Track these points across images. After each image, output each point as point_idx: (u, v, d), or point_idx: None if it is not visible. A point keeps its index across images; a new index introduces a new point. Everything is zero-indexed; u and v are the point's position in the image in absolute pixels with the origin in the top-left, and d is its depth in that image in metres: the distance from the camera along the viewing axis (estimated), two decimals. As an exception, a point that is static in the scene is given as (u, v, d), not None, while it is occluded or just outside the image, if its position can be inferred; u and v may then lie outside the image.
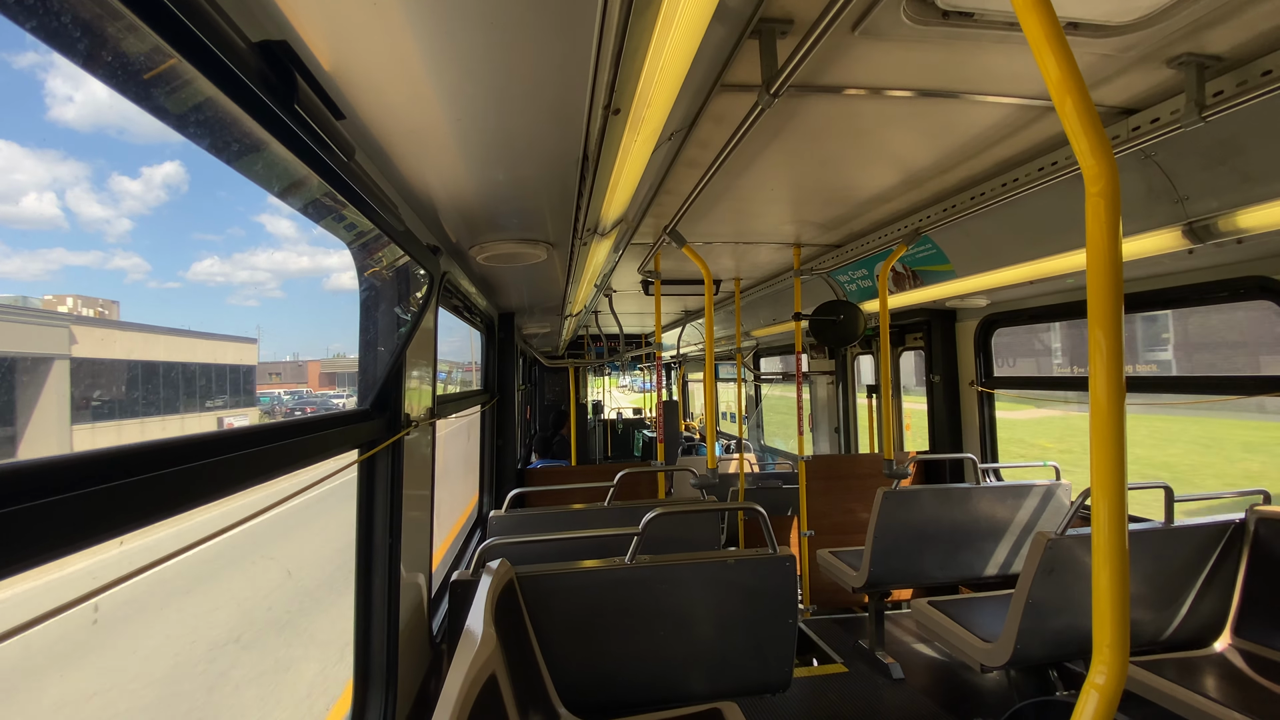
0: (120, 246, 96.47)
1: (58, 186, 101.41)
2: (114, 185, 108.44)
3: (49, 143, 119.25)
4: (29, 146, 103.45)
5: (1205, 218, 2.07)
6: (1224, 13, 1.41)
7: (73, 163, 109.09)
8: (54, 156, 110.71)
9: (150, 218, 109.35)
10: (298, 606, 6.23)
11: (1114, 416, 0.89)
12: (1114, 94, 1.81)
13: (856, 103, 1.87)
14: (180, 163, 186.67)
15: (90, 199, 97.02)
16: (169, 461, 0.87)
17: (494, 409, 4.46)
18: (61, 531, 0.68)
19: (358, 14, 0.83)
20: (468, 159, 1.49)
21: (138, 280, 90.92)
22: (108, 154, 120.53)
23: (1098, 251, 0.90)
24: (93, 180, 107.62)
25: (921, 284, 3.71)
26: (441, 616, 2.46)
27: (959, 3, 1.39)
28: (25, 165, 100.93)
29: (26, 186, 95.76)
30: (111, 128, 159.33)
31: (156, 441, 0.88)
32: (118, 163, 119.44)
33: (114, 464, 0.78)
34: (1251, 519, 2.61)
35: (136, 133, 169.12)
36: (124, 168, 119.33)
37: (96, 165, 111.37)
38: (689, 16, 0.95)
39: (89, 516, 0.72)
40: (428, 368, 2.20)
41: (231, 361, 16.67)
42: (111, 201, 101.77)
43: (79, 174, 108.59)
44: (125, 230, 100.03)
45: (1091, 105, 0.89)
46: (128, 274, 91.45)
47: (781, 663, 2.27)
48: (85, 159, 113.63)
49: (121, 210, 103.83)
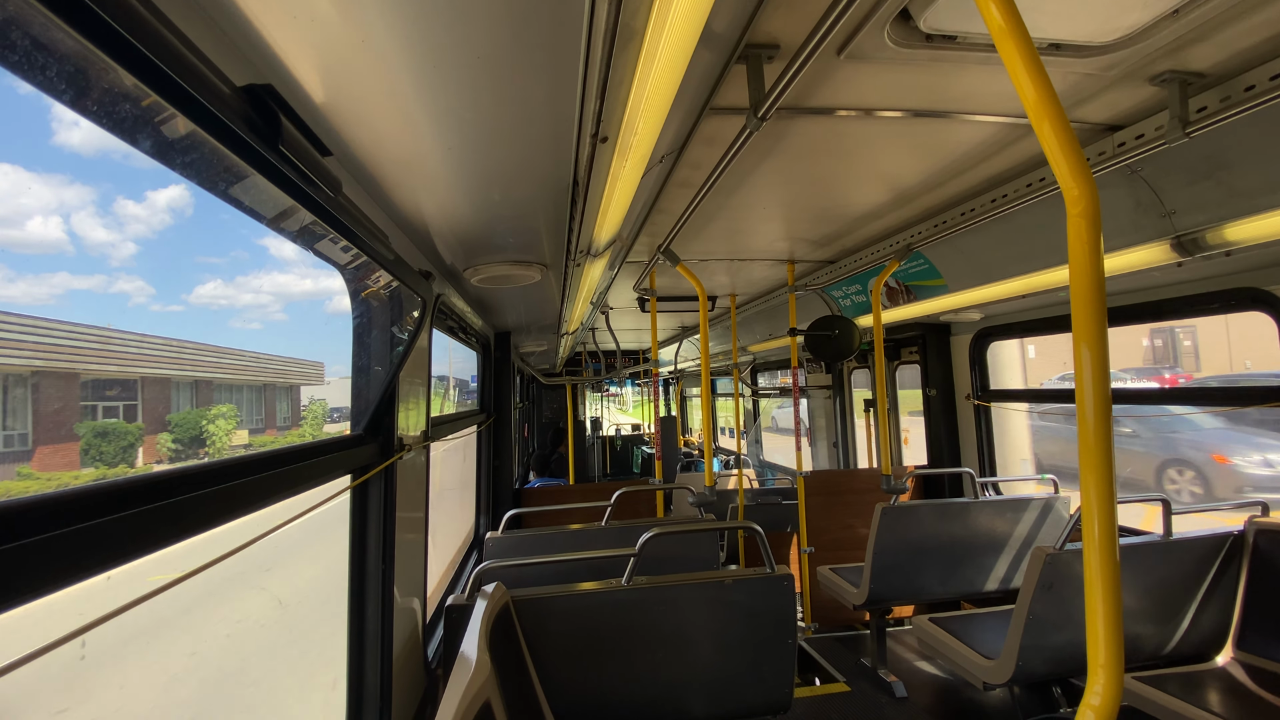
0: (124, 270, 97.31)
1: (63, 210, 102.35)
2: (118, 209, 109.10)
3: (54, 167, 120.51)
4: (35, 170, 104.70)
5: (1193, 231, 2.09)
6: (1204, 31, 1.43)
7: (78, 186, 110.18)
8: (60, 180, 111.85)
9: (154, 241, 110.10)
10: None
11: (1101, 429, 0.89)
12: (1098, 111, 1.83)
13: (845, 123, 1.90)
14: (184, 186, 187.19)
15: (95, 223, 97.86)
16: (161, 495, 0.87)
17: (490, 429, 4.45)
18: (52, 568, 0.68)
19: (347, 52, 0.85)
20: (459, 186, 1.51)
21: (141, 304, 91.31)
22: (113, 178, 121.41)
23: (1081, 270, 0.91)
24: (98, 204, 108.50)
25: (915, 299, 3.73)
26: (437, 642, 2.43)
27: (941, 26, 1.42)
28: (32, 189, 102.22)
29: (32, 210, 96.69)
30: (116, 151, 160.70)
31: (147, 475, 0.88)
32: (123, 186, 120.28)
33: (106, 499, 0.78)
34: (1251, 530, 2.59)
35: (141, 157, 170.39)
36: (129, 191, 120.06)
37: (102, 189, 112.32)
38: (671, 48, 0.97)
39: (80, 552, 0.71)
40: (422, 389, 2.20)
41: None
42: (116, 225, 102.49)
43: (84, 198, 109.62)
44: (129, 254, 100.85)
45: (1070, 128, 0.90)
46: (131, 297, 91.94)
47: (782, 683, 2.24)
48: (91, 183, 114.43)
49: (126, 234, 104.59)
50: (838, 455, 6.48)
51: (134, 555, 0.80)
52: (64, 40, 0.59)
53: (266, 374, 13.88)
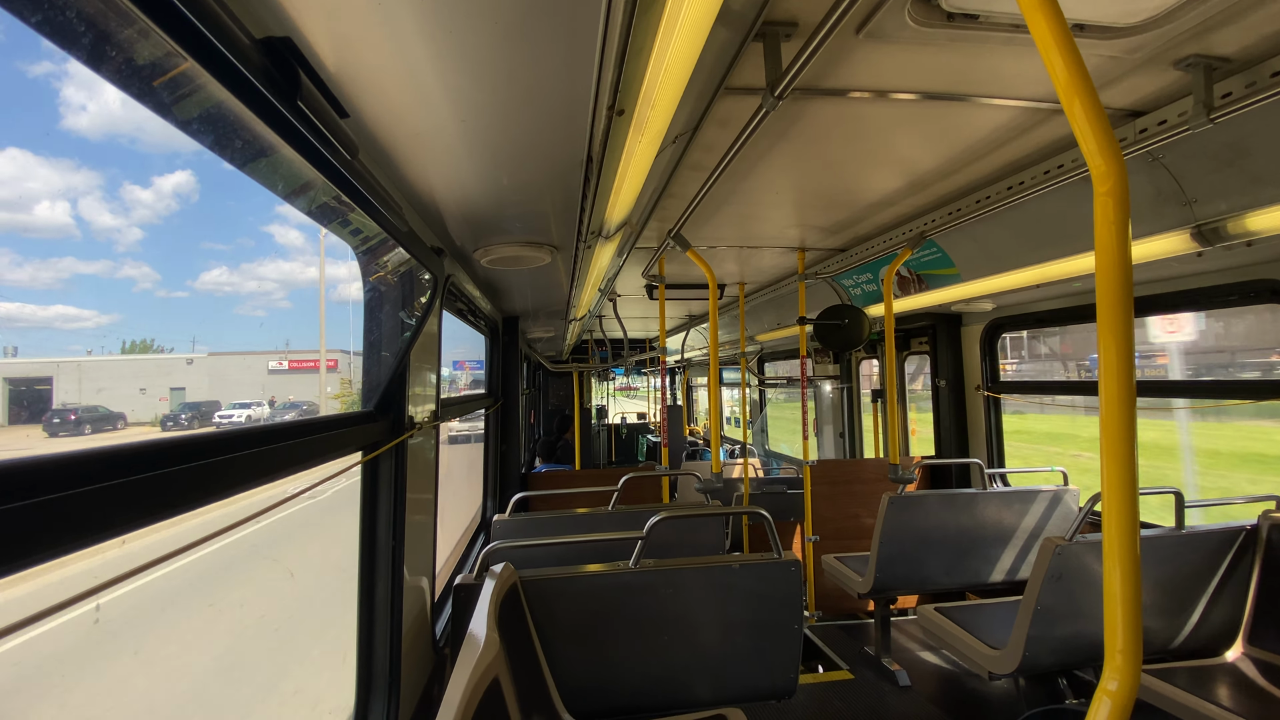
0: (130, 255, 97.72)
1: (71, 195, 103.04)
2: (125, 194, 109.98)
3: (62, 152, 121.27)
4: (43, 155, 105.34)
5: (1214, 220, 2.06)
6: (1232, 13, 1.40)
7: (86, 171, 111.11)
8: (68, 165, 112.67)
9: (160, 226, 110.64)
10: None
11: (1125, 420, 0.88)
12: (1121, 96, 1.80)
13: (861, 105, 1.87)
14: (191, 171, 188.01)
15: (102, 208, 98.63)
16: (174, 460, 0.87)
17: (498, 413, 4.46)
18: (62, 529, 0.67)
19: (361, 12, 0.83)
20: (471, 161, 1.50)
21: (146, 289, 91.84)
22: (121, 163, 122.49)
23: (1107, 252, 0.89)
24: (105, 189, 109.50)
25: (926, 288, 3.70)
26: (445, 621, 2.45)
27: (964, 4, 1.39)
28: (39, 173, 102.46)
29: (40, 194, 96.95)
30: (124, 136, 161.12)
31: (160, 439, 0.87)
32: (130, 171, 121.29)
33: (116, 462, 0.77)
34: (1264, 525, 2.57)
35: (149, 141, 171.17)
36: (136, 176, 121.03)
37: (110, 174, 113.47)
38: (693, 17, 0.95)
39: (91, 514, 0.71)
40: (431, 371, 2.20)
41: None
42: (123, 210, 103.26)
43: (91, 183, 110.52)
44: (135, 239, 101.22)
45: (1100, 105, 0.88)
46: (136, 283, 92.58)
47: (787, 669, 2.25)
48: (98, 168, 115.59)
49: (132, 219, 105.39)
50: (844, 445, 6.47)
51: (148, 520, 0.80)
52: None
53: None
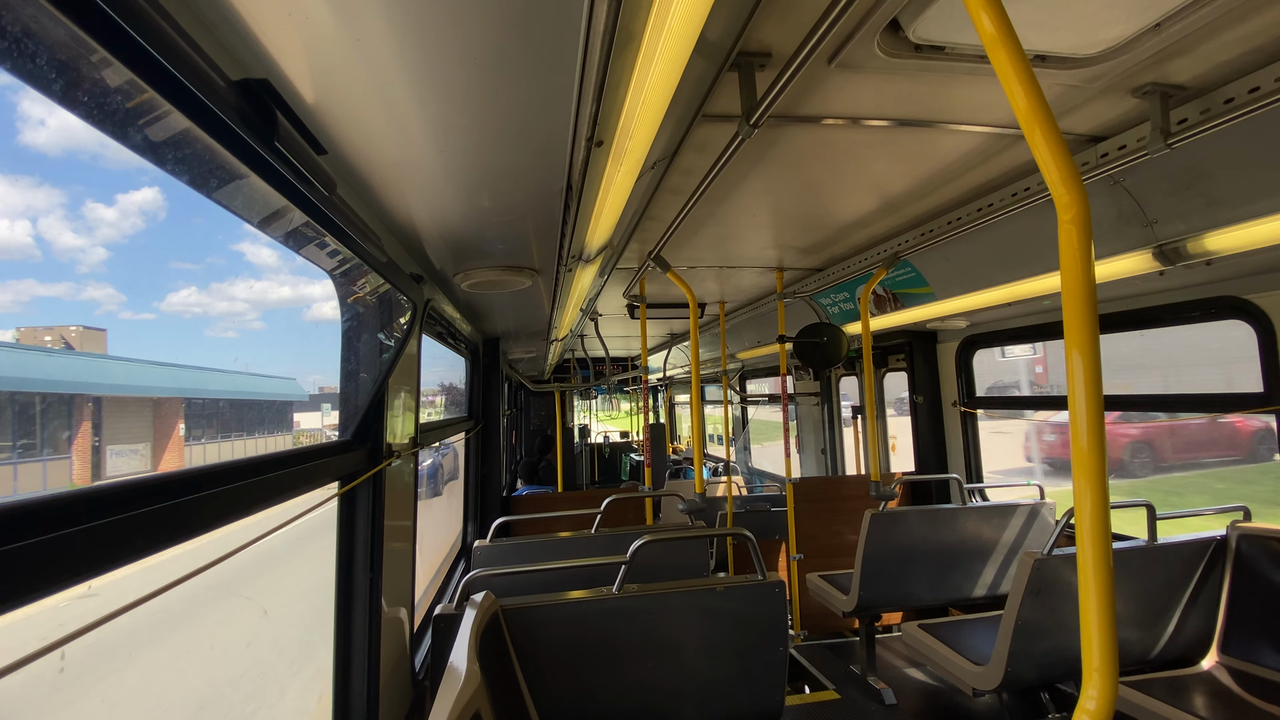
0: (94, 276, 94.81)
1: (30, 214, 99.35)
2: (88, 212, 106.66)
3: (20, 168, 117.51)
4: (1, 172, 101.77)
5: (1174, 240, 2.13)
6: (1185, 45, 1.46)
7: (47, 189, 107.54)
8: (28, 183, 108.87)
9: (125, 246, 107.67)
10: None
11: (1094, 435, 0.90)
12: (1082, 122, 1.86)
13: (835, 131, 1.91)
14: (159, 189, 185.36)
15: (64, 227, 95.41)
16: (146, 500, 0.85)
17: (479, 435, 4.41)
18: (32, 575, 0.65)
19: (340, 50, 0.84)
20: (451, 189, 1.50)
21: (110, 311, 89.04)
22: (84, 180, 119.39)
23: (1072, 276, 0.92)
24: (67, 207, 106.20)
25: (902, 306, 3.76)
26: (425, 652, 2.39)
27: (930, 36, 1.44)
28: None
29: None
30: (85, 153, 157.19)
31: (131, 480, 0.85)
32: (94, 189, 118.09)
33: (89, 504, 0.75)
34: (1233, 535, 2.63)
35: (112, 158, 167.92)
36: (99, 194, 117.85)
37: (72, 191, 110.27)
38: (669, 52, 0.97)
39: (61, 558, 0.69)
40: (410, 396, 2.17)
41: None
42: (85, 230, 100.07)
43: (53, 201, 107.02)
44: (99, 259, 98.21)
45: (1060, 135, 0.91)
46: (101, 304, 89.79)
47: (773, 691, 2.23)
48: (60, 185, 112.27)
49: (96, 239, 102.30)
50: (826, 462, 6.51)
51: (120, 562, 0.78)
52: (55, 29, 0.57)
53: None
